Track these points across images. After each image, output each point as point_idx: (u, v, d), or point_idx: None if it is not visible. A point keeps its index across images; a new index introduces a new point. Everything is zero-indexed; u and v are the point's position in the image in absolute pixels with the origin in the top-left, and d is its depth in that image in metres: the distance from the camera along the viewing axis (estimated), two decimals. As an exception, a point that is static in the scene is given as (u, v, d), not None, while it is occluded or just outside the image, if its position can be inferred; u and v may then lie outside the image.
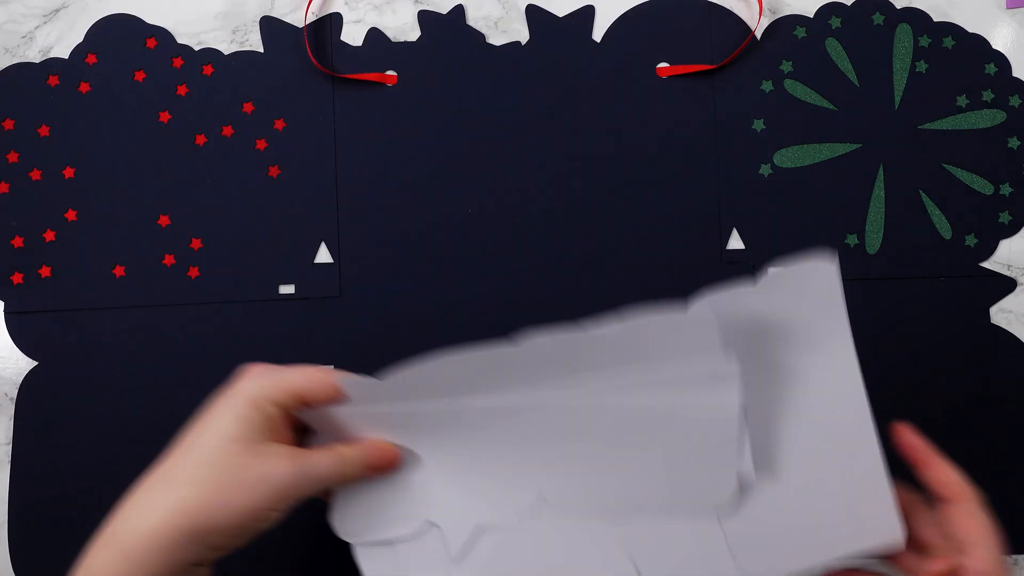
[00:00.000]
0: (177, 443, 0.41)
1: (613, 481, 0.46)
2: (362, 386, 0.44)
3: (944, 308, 0.57)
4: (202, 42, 0.58)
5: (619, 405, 0.45)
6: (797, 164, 0.57)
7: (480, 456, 0.46)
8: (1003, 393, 0.56)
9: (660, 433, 0.45)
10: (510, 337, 0.44)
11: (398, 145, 0.57)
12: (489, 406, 0.46)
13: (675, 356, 0.44)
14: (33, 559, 0.55)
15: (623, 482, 0.46)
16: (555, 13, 0.58)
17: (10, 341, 0.56)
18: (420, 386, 0.45)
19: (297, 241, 0.57)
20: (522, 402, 0.46)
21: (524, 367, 0.45)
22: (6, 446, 0.56)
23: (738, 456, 0.45)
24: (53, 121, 0.57)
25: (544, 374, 0.46)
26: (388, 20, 0.59)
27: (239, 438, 0.40)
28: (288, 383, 0.43)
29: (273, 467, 0.40)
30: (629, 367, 0.45)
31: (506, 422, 0.46)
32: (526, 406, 0.46)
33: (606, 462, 0.46)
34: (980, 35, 0.58)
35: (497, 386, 0.45)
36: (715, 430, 0.44)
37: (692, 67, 0.57)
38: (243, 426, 0.40)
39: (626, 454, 0.46)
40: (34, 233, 0.57)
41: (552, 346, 0.45)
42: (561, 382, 0.46)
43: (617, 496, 0.46)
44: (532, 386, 0.46)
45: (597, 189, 0.57)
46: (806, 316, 0.45)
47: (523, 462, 0.46)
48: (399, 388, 0.45)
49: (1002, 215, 0.57)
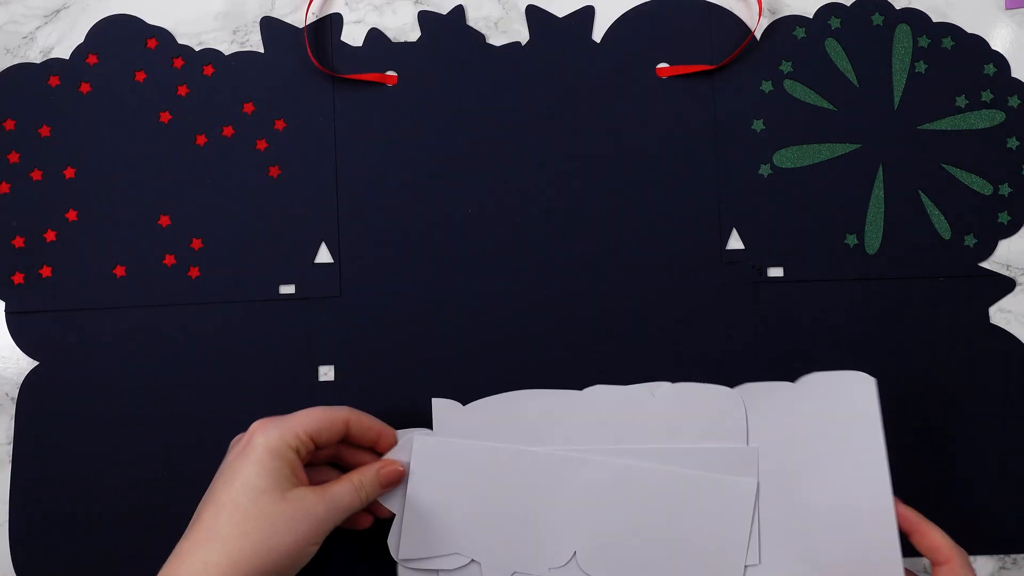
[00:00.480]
0: (207, 501, 0.46)
1: (638, 551, 0.51)
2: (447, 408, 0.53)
3: (944, 308, 0.57)
4: (202, 42, 0.58)
5: (655, 470, 0.52)
6: (797, 164, 0.57)
7: (530, 505, 0.52)
8: (1003, 393, 0.56)
9: (685, 505, 0.51)
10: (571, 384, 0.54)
11: (398, 145, 0.57)
12: (546, 454, 0.52)
13: (707, 432, 0.52)
14: (33, 559, 0.55)
15: (647, 554, 0.51)
16: (555, 13, 0.58)
17: (10, 341, 0.56)
18: (492, 420, 0.53)
19: (297, 241, 0.57)
20: (575, 455, 0.52)
21: (582, 419, 0.53)
22: (6, 446, 0.56)
23: (745, 553, 0.51)
24: (54, 121, 0.57)
25: (597, 429, 0.53)
26: (388, 20, 0.59)
27: (269, 488, 0.45)
28: (299, 428, 0.47)
29: (306, 508, 0.45)
30: (667, 433, 0.52)
31: (558, 472, 0.52)
32: (578, 459, 0.52)
33: (635, 529, 0.51)
34: (979, 35, 0.58)
35: (556, 435, 0.53)
36: (732, 515, 0.51)
37: (692, 67, 0.58)
38: (269, 477, 0.45)
39: (654, 523, 0.51)
40: (35, 233, 0.57)
41: (606, 402, 0.53)
42: (610, 438, 0.53)
43: (639, 568, 0.51)
44: (586, 439, 0.53)
45: (597, 189, 0.57)
46: (842, 420, 0.50)
47: (565, 516, 0.52)
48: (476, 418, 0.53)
49: (1001, 215, 0.57)
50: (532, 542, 0.52)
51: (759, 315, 0.57)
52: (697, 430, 0.52)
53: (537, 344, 0.56)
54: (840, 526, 0.49)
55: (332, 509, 0.46)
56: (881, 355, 0.56)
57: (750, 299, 0.57)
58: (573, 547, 0.51)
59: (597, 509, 0.52)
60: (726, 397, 0.52)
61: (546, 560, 0.52)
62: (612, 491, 0.52)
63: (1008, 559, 0.56)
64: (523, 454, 0.52)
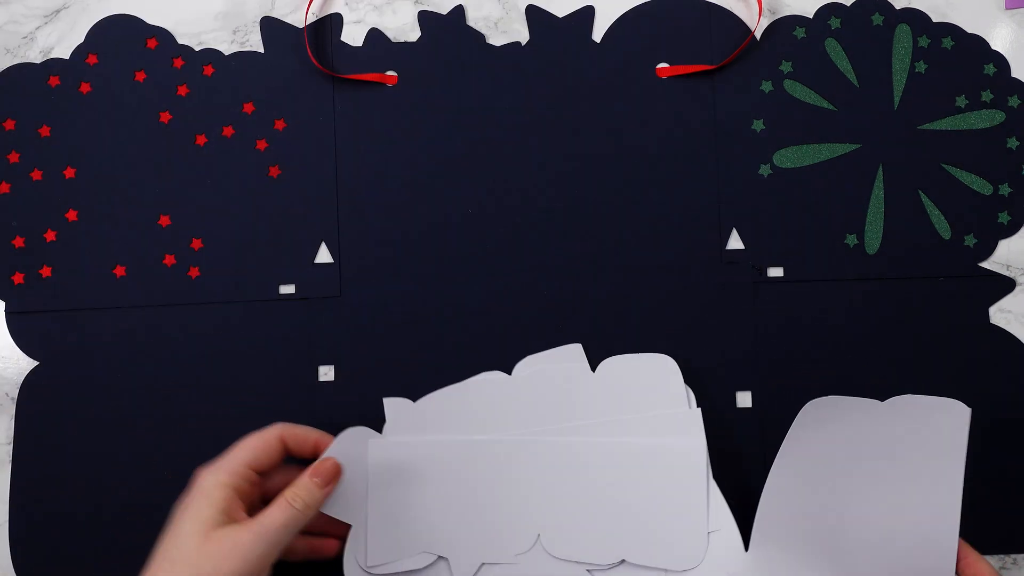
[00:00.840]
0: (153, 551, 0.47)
1: (599, 525, 0.52)
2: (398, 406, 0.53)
3: (944, 308, 0.57)
4: (202, 42, 0.58)
5: (604, 443, 0.53)
6: (797, 164, 0.57)
7: (490, 494, 0.53)
8: (1003, 393, 0.56)
9: (639, 475, 0.52)
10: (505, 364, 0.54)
11: (398, 145, 0.57)
12: (499, 441, 0.53)
13: (648, 400, 0.53)
14: (33, 559, 0.55)
15: (608, 527, 0.52)
16: (555, 13, 0.58)
17: (11, 341, 0.56)
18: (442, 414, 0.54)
19: (297, 241, 0.57)
20: (527, 438, 0.53)
21: (528, 402, 0.54)
22: (6, 446, 0.56)
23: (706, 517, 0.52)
24: (54, 121, 0.57)
25: (541, 410, 0.54)
26: (388, 20, 0.59)
27: (192, 531, 0.46)
28: (233, 463, 0.48)
29: (232, 542, 0.45)
30: (611, 406, 0.53)
31: (512, 458, 0.53)
32: (530, 442, 0.53)
33: (593, 504, 0.52)
34: (979, 35, 0.58)
35: (507, 421, 0.53)
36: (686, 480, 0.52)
37: (692, 67, 0.58)
38: (195, 520, 0.46)
39: (610, 496, 0.52)
40: (35, 233, 0.57)
41: (548, 381, 0.54)
42: (558, 417, 0.53)
43: (603, 545, 0.52)
44: (533, 421, 0.53)
45: (597, 189, 0.57)
46: (926, 445, 0.49)
47: (525, 501, 0.53)
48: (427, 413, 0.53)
49: (1001, 215, 0.57)
50: (497, 530, 0.52)
51: (759, 315, 0.57)
52: (639, 399, 0.53)
53: (537, 344, 0.56)
54: (897, 548, 0.48)
55: (261, 536, 0.46)
56: (881, 355, 0.56)
57: (750, 299, 0.57)
58: (536, 530, 0.52)
59: (554, 489, 0.53)
60: (662, 364, 0.53)
61: (512, 546, 0.52)
62: (566, 470, 0.53)
63: (1008, 559, 0.56)
64: (476, 444, 0.53)
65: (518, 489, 0.53)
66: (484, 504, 0.53)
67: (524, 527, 0.53)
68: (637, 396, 0.53)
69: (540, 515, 0.53)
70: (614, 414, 0.53)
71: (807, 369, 0.56)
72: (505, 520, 0.53)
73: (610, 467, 0.53)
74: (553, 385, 0.54)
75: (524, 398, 0.54)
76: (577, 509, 0.52)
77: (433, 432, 0.53)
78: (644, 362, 0.54)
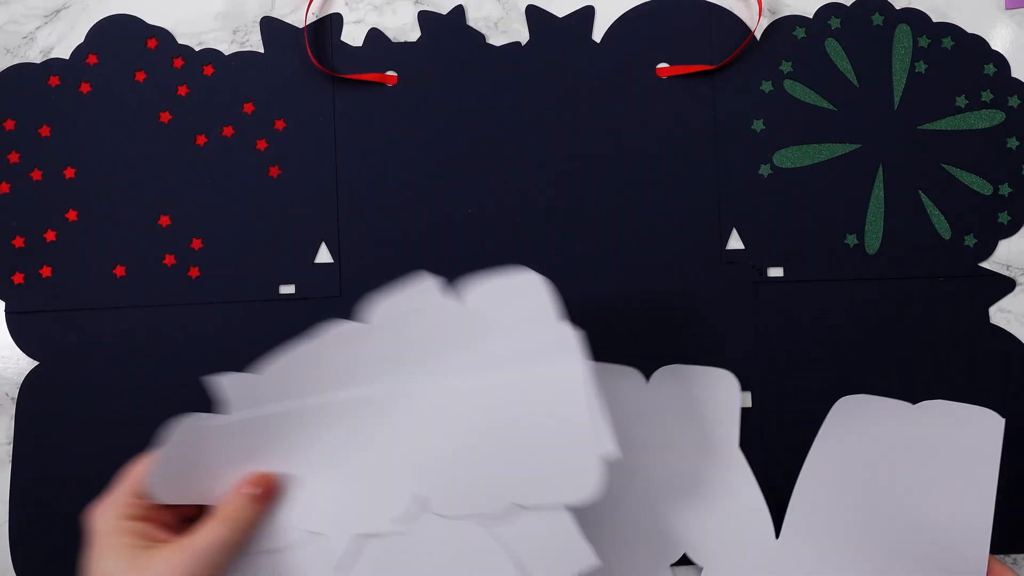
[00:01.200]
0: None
1: (485, 475, 0.46)
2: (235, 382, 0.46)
3: (943, 308, 0.57)
4: (202, 42, 0.58)
5: (479, 385, 0.47)
6: (797, 164, 0.57)
7: (354, 459, 0.47)
8: (1003, 393, 0.56)
9: (518, 410, 0.46)
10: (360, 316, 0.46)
11: (398, 145, 0.57)
12: (355, 397, 0.47)
13: (517, 327, 0.46)
14: (33, 559, 0.55)
15: (491, 474, 0.46)
16: (555, 13, 0.58)
17: (10, 341, 0.56)
18: (284, 381, 0.46)
19: (297, 241, 0.57)
20: (387, 390, 0.47)
21: (381, 351, 0.46)
22: (6, 446, 0.56)
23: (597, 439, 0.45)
24: (54, 121, 0.57)
25: (402, 357, 0.47)
26: (388, 20, 0.59)
27: (116, 570, 0.42)
28: (121, 494, 0.45)
29: (164, 565, 0.42)
30: (478, 343, 0.47)
31: (375, 415, 0.47)
32: (392, 394, 0.47)
33: (471, 452, 0.46)
34: (979, 35, 0.58)
35: (358, 376, 0.46)
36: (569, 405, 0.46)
37: (692, 67, 0.58)
38: (112, 557, 0.43)
39: (489, 441, 0.46)
40: (35, 233, 0.57)
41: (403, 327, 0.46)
42: (420, 365, 0.47)
43: (490, 493, 0.46)
44: (393, 372, 0.47)
45: (597, 189, 0.57)
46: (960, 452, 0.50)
47: (397, 463, 0.47)
48: (267, 384, 0.46)
49: (1001, 215, 0.57)
50: (368, 496, 0.47)
51: (759, 315, 0.57)
52: (505, 327, 0.46)
53: (537, 344, 0.56)
54: (927, 552, 0.49)
55: (193, 555, 0.43)
56: (881, 355, 0.56)
57: (750, 299, 0.57)
58: (410, 489, 0.47)
59: (425, 443, 0.47)
60: (528, 282, 0.46)
61: (386, 511, 0.47)
62: (440, 419, 0.47)
63: (1008, 559, 0.56)
64: (334, 405, 0.47)
65: (389, 448, 0.47)
66: (352, 469, 0.47)
67: (398, 488, 0.46)
68: (507, 324, 0.46)
69: (417, 473, 0.46)
70: (485, 348, 0.46)
71: (807, 369, 0.56)
72: (377, 483, 0.47)
73: (487, 408, 0.46)
74: (413, 325, 0.46)
75: (384, 346, 0.46)
76: (457, 460, 0.46)
77: (283, 400, 0.46)
78: (509, 283, 0.46)
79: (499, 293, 0.46)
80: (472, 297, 0.46)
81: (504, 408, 0.47)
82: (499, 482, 0.46)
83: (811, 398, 0.56)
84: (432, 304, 0.46)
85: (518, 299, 0.46)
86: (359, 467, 0.47)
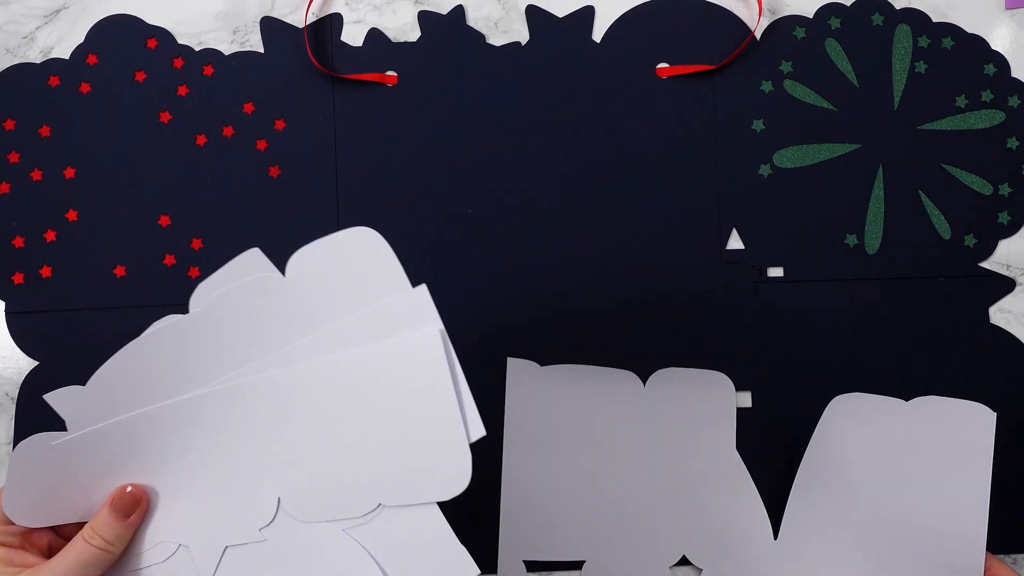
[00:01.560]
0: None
1: (347, 472, 0.42)
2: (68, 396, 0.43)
3: (944, 308, 0.57)
4: (202, 42, 0.58)
5: (325, 365, 0.41)
6: (797, 164, 0.57)
7: (213, 467, 0.43)
8: (1003, 393, 0.56)
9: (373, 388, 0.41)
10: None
11: (398, 145, 0.57)
12: (194, 398, 0.42)
13: (364, 293, 0.40)
14: (33, 559, 0.55)
15: (357, 473, 0.42)
16: (555, 13, 0.58)
17: (10, 341, 0.56)
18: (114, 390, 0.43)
19: (297, 241, 0.57)
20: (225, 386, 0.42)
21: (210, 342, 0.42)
22: (6, 446, 0.56)
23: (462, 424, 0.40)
24: (54, 121, 0.57)
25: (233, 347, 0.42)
26: (388, 20, 0.59)
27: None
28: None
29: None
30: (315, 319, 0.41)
31: (220, 414, 0.42)
32: (231, 389, 0.42)
33: (328, 441, 0.42)
34: (979, 35, 0.58)
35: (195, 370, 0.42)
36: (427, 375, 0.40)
37: (692, 67, 0.58)
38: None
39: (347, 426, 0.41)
40: (35, 233, 0.57)
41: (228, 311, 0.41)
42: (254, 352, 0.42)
43: (353, 493, 0.42)
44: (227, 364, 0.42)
45: (597, 189, 0.57)
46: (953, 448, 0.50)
47: (257, 462, 0.43)
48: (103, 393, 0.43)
49: (1001, 215, 0.57)
50: (234, 506, 0.43)
51: (759, 315, 0.57)
52: (349, 294, 0.41)
53: (537, 344, 0.56)
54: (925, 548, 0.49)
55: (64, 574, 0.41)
56: (881, 355, 0.56)
57: (750, 299, 0.57)
58: (276, 494, 0.43)
59: (278, 438, 0.42)
60: (365, 238, 0.40)
61: (254, 520, 0.43)
62: (289, 410, 0.42)
63: (1008, 559, 0.56)
64: (175, 407, 0.42)
65: (243, 448, 0.42)
66: (211, 475, 0.43)
67: (262, 494, 0.43)
68: (346, 290, 0.41)
69: (276, 475, 0.42)
70: (324, 322, 0.41)
71: (807, 369, 0.56)
72: (241, 491, 0.43)
73: (337, 394, 0.41)
74: (242, 309, 0.41)
75: (214, 336, 0.42)
76: (314, 456, 0.42)
77: (121, 408, 0.43)
78: (341, 242, 0.40)
79: (329, 258, 0.40)
80: (298, 266, 0.41)
81: (358, 390, 0.41)
82: (361, 479, 0.42)
83: (811, 398, 0.56)
84: (255, 282, 0.41)
85: (352, 262, 0.40)
86: (218, 472, 0.43)
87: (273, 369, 0.42)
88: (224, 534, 0.43)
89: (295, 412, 0.42)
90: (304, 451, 0.42)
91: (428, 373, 0.40)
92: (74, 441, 0.43)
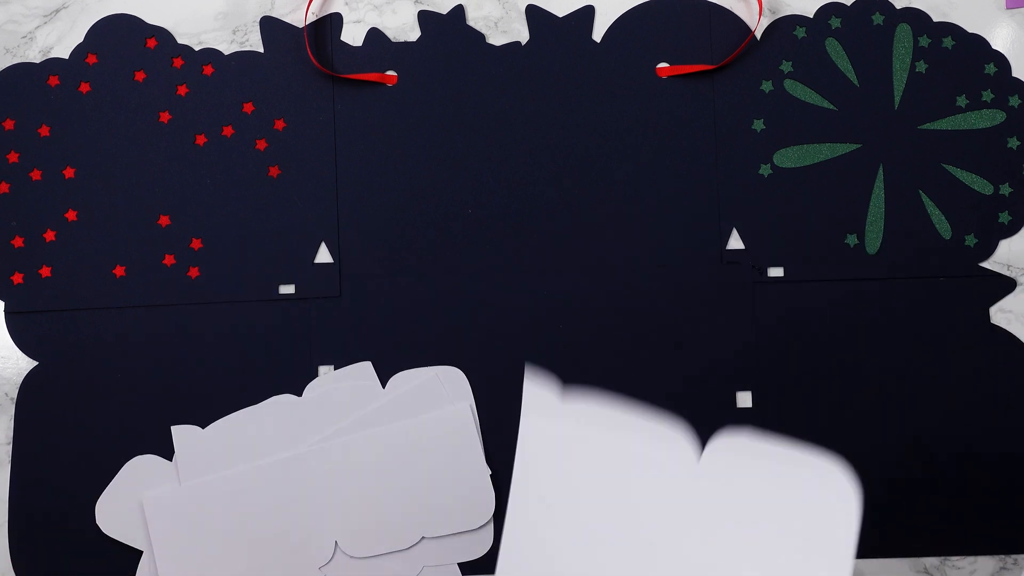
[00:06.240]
0: None
1: (395, 514, 0.54)
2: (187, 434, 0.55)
3: (944, 308, 0.57)
4: (202, 42, 0.58)
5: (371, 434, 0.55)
6: (797, 164, 0.57)
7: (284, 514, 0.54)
8: (1003, 393, 0.56)
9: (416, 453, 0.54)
10: None
11: (398, 145, 0.57)
12: (281, 458, 0.54)
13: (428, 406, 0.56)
14: (33, 559, 0.55)
15: (404, 514, 0.54)
16: (555, 13, 0.58)
17: (10, 341, 0.56)
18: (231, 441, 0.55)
19: (297, 241, 0.57)
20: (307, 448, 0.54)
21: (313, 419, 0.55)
22: (6, 446, 0.56)
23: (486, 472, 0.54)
24: (53, 121, 0.57)
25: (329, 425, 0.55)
26: (388, 20, 0.59)
27: None
28: None
29: None
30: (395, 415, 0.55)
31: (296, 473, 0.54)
32: (311, 451, 0.54)
33: (381, 495, 0.54)
34: (980, 35, 0.58)
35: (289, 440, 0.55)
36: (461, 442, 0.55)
37: (692, 67, 0.58)
38: None
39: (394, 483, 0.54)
40: (34, 233, 0.57)
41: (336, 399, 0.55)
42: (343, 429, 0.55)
43: (400, 531, 0.54)
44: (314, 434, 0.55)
45: (597, 189, 0.57)
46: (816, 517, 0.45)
47: (319, 512, 0.54)
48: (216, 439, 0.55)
49: (1002, 215, 0.57)
50: (296, 549, 0.54)
51: (759, 315, 0.57)
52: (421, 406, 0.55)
53: (537, 343, 0.56)
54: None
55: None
56: (881, 355, 0.56)
57: (750, 299, 0.57)
58: (334, 537, 0.54)
59: (344, 492, 0.54)
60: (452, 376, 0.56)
61: (314, 560, 0.54)
62: (351, 469, 0.54)
63: (1008, 559, 0.56)
64: (264, 468, 0.54)
65: (310, 502, 0.54)
66: (279, 525, 0.54)
67: (322, 538, 0.54)
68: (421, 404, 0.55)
69: (335, 521, 0.54)
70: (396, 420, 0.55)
71: (807, 369, 0.56)
72: (304, 536, 0.54)
73: (390, 454, 0.54)
74: (341, 404, 0.55)
75: (313, 417, 0.55)
76: (369, 504, 0.54)
77: (221, 458, 0.54)
78: (423, 379, 0.56)
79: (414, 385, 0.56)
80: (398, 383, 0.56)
81: (402, 448, 0.54)
82: (407, 518, 0.54)
83: (811, 398, 0.56)
84: (358, 388, 0.55)
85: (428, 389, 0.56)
86: (285, 522, 0.54)
87: (342, 437, 0.55)
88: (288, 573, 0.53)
89: (357, 468, 0.54)
90: (364, 499, 0.54)
91: (463, 441, 0.55)
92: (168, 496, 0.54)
